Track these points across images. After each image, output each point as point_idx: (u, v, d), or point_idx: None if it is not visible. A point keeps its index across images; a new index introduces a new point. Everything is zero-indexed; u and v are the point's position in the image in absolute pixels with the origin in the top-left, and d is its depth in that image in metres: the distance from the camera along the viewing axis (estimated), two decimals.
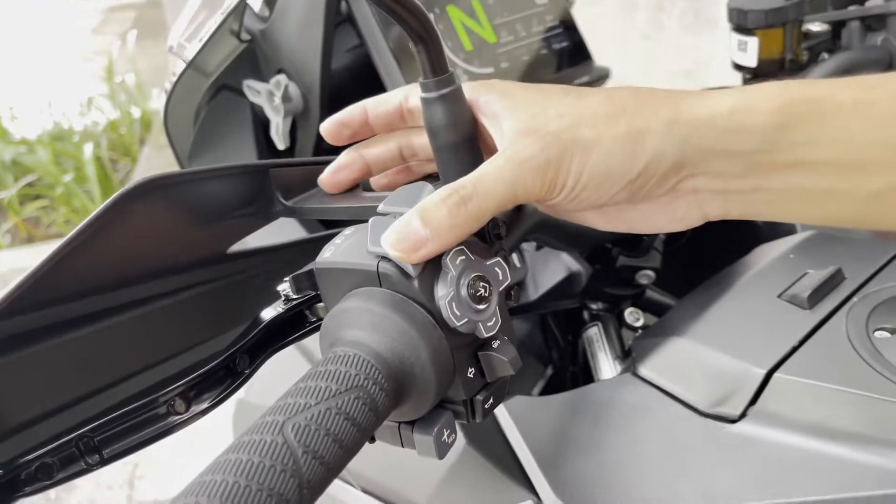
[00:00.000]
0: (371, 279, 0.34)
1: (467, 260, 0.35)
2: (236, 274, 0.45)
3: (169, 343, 0.40)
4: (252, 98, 0.68)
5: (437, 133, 0.38)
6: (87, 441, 0.35)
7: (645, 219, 0.39)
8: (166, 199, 0.39)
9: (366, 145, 0.43)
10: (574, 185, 0.35)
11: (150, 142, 3.46)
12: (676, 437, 0.49)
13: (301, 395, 0.30)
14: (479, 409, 0.36)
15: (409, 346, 0.33)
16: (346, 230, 0.37)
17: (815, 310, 0.53)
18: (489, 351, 0.35)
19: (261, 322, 0.40)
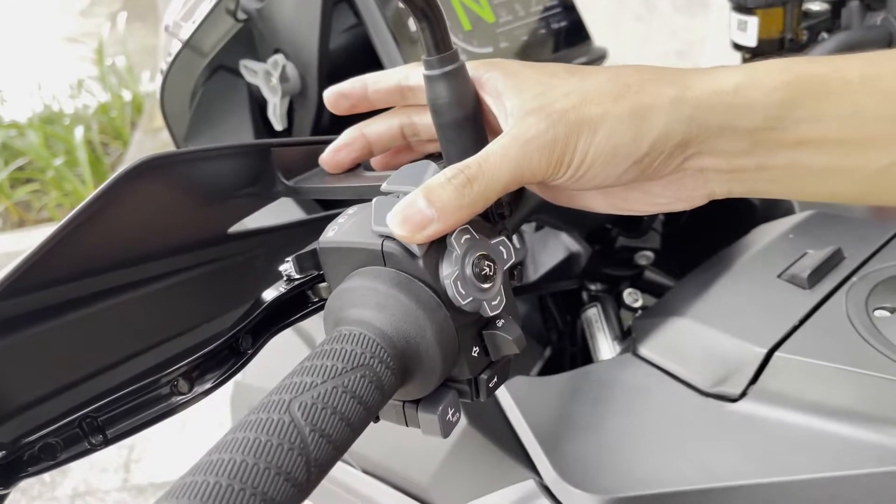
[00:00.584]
0: (375, 258, 0.34)
1: (472, 239, 0.34)
2: (238, 254, 0.45)
3: (171, 323, 0.40)
4: (249, 78, 0.67)
5: (440, 111, 0.38)
6: (91, 421, 0.35)
7: (648, 199, 0.39)
8: (167, 179, 0.38)
9: (367, 124, 0.43)
10: (580, 163, 0.35)
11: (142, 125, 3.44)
12: (677, 416, 0.49)
13: (307, 374, 0.30)
14: (483, 389, 0.36)
15: (414, 325, 0.33)
16: (349, 210, 0.37)
17: (814, 289, 0.53)
18: (494, 330, 0.35)
19: (263, 302, 0.40)
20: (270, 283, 0.43)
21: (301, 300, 0.42)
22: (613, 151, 0.35)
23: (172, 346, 0.40)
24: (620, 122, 0.35)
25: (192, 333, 0.41)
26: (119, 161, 3.22)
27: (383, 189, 0.36)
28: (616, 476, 0.47)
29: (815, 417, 0.45)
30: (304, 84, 0.65)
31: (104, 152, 3.21)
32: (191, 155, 0.39)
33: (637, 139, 0.35)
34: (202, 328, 0.41)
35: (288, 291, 0.41)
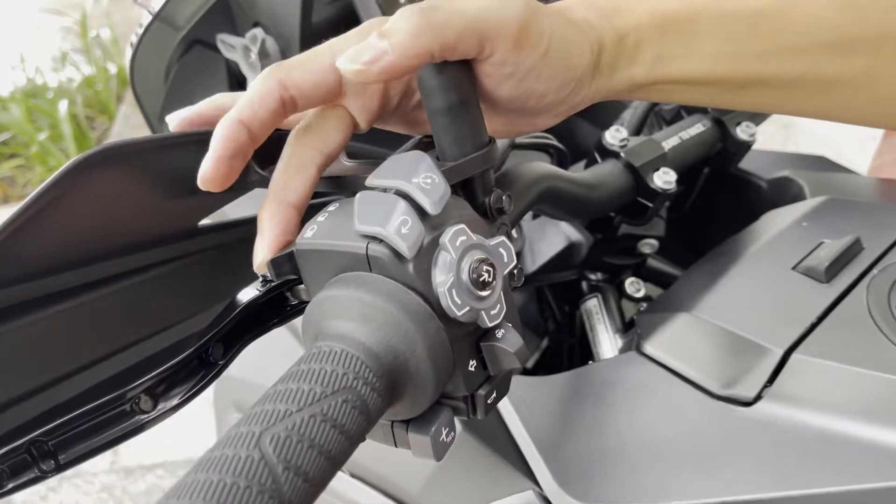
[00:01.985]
0: (359, 263, 0.30)
1: (468, 240, 0.31)
2: (208, 249, 0.41)
3: (132, 328, 0.37)
4: (227, 53, 0.63)
5: (431, 95, 0.33)
6: (40, 446, 0.31)
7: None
8: (126, 169, 0.34)
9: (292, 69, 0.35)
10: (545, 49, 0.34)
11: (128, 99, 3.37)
12: (686, 421, 0.46)
13: (280, 401, 0.26)
14: (481, 405, 0.33)
15: (403, 340, 0.29)
16: (329, 206, 0.33)
17: (832, 283, 0.50)
18: (493, 342, 0.31)
19: (236, 306, 0.36)
20: (245, 282, 0.39)
21: (279, 303, 0.38)
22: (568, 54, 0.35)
23: (134, 355, 0.36)
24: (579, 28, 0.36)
25: (156, 339, 0.37)
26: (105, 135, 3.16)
27: (368, 184, 0.32)
28: (620, 486, 0.43)
29: (837, 424, 0.42)
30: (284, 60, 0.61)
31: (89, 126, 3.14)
32: (150, 143, 0.34)
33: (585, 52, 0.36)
34: (168, 333, 0.38)
35: (264, 293, 0.37)
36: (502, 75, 0.34)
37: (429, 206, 0.30)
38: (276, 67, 0.33)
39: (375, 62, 0.31)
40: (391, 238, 0.29)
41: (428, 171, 0.31)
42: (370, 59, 0.31)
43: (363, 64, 0.31)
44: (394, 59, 0.31)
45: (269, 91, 0.33)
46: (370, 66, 0.31)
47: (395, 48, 0.31)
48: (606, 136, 0.55)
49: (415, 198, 0.30)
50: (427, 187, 0.30)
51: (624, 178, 0.54)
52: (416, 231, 0.29)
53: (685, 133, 0.59)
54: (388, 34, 0.31)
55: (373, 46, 0.31)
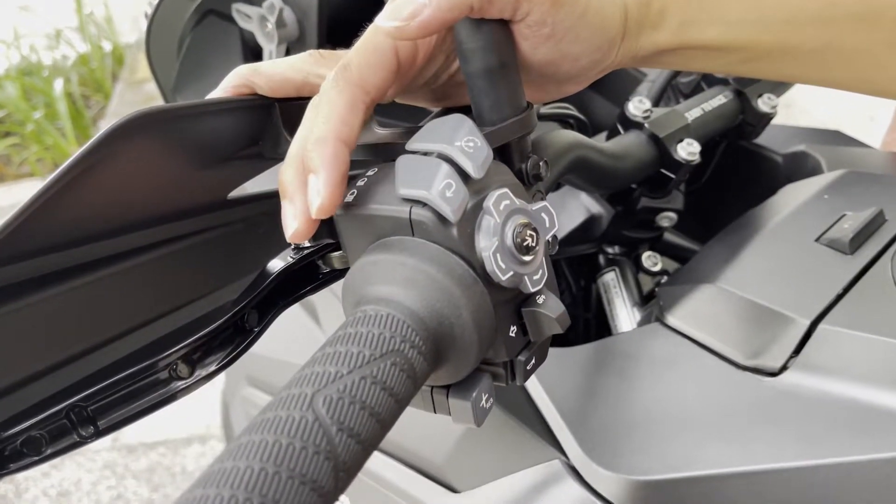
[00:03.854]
0: (402, 227, 0.30)
1: (511, 204, 0.30)
2: (239, 221, 0.41)
3: (167, 298, 0.36)
4: (242, 24, 0.62)
5: (469, 57, 0.33)
6: (80, 411, 0.31)
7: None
8: (159, 138, 0.34)
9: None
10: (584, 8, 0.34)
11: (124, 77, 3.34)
12: (711, 391, 0.46)
13: (330, 363, 0.26)
14: (520, 371, 0.32)
15: (448, 304, 0.29)
16: (368, 171, 0.33)
17: (856, 255, 0.50)
18: (534, 307, 0.31)
19: (269, 274, 0.36)
20: (276, 253, 0.39)
21: (311, 271, 0.38)
22: (604, 15, 0.35)
23: (169, 324, 0.36)
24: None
25: (190, 308, 0.37)
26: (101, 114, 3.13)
27: (409, 147, 0.31)
28: (647, 456, 0.43)
29: (864, 393, 0.42)
30: (302, 30, 0.60)
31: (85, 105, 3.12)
32: (185, 110, 0.34)
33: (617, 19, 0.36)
34: (202, 302, 0.38)
35: (296, 262, 0.36)
36: (540, 37, 0.34)
37: (472, 170, 0.30)
38: (344, 73, 0.32)
39: (415, 16, 0.31)
40: (435, 201, 0.29)
41: (470, 135, 0.30)
42: (410, 13, 0.31)
43: (403, 20, 0.31)
44: (433, 12, 0.30)
45: (354, 100, 0.32)
46: (410, 20, 0.31)
47: (434, 2, 0.30)
48: (629, 106, 0.54)
49: (457, 161, 0.30)
50: (470, 150, 0.30)
51: (647, 149, 0.54)
52: (461, 194, 0.29)
53: (707, 104, 0.58)
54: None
55: (411, 1, 0.31)
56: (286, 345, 0.72)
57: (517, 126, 0.34)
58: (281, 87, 0.37)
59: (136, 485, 1.70)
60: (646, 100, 0.55)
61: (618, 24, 0.35)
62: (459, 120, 0.31)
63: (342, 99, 0.32)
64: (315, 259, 0.37)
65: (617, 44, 0.36)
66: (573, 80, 0.37)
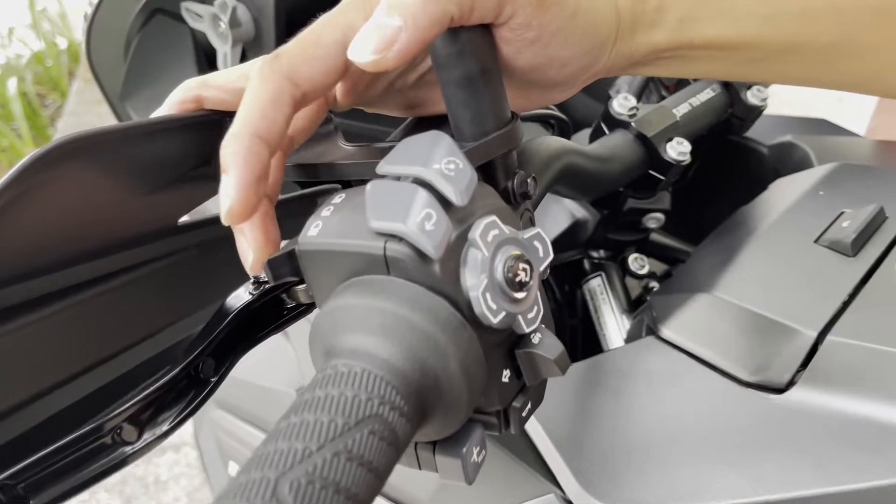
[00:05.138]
0: (376, 265, 0.26)
1: (501, 234, 0.26)
2: (192, 247, 0.37)
3: (106, 342, 0.32)
4: (193, 24, 0.57)
5: (445, 64, 0.29)
6: (9, 490, 0.26)
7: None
8: (95, 163, 0.29)
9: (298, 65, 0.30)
10: (574, 8, 0.30)
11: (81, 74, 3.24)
12: (714, 411, 0.43)
13: (296, 437, 0.22)
14: (515, 419, 0.29)
15: (433, 354, 0.25)
16: (332, 197, 0.29)
17: (859, 257, 0.47)
18: (530, 349, 0.28)
19: (227, 313, 0.32)
20: (234, 285, 0.35)
21: (274, 307, 0.34)
22: (595, 15, 0.31)
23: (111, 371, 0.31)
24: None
25: (135, 352, 0.33)
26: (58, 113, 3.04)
27: (380, 171, 0.27)
28: (649, 488, 0.40)
29: (880, 411, 0.39)
30: (258, 30, 0.55)
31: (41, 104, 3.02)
32: (120, 132, 0.30)
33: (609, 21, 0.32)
34: (148, 345, 0.33)
35: (257, 298, 0.32)
36: (524, 41, 0.30)
37: (454, 196, 0.26)
38: (273, 62, 0.28)
39: (391, 45, 0.26)
40: (414, 235, 0.25)
41: (450, 155, 0.26)
42: (385, 42, 0.26)
43: (377, 52, 0.26)
44: (411, 35, 0.26)
45: (279, 92, 0.28)
46: (386, 51, 0.26)
47: (409, 22, 0.26)
48: (614, 104, 0.51)
49: (437, 187, 0.26)
50: (451, 174, 0.26)
51: (635, 150, 0.50)
52: (443, 226, 0.25)
53: (695, 99, 0.55)
54: (397, 6, 0.26)
55: (383, 26, 0.26)
56: (256, 366, 0.68)
57: (502, 140, 0.30)
58: (234, 100, 0.33)
59: (109, 497, 1.65)
60: (631, 97, 0.51)
61: (610, 25, 0.32)
62: (436, 137, 0.27)
63: (265, 89, 0.28)
64: (279, 293, 0.33)
65: (609, 47, 0.32)
66: (560, 86, 0.33)
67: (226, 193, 0.27)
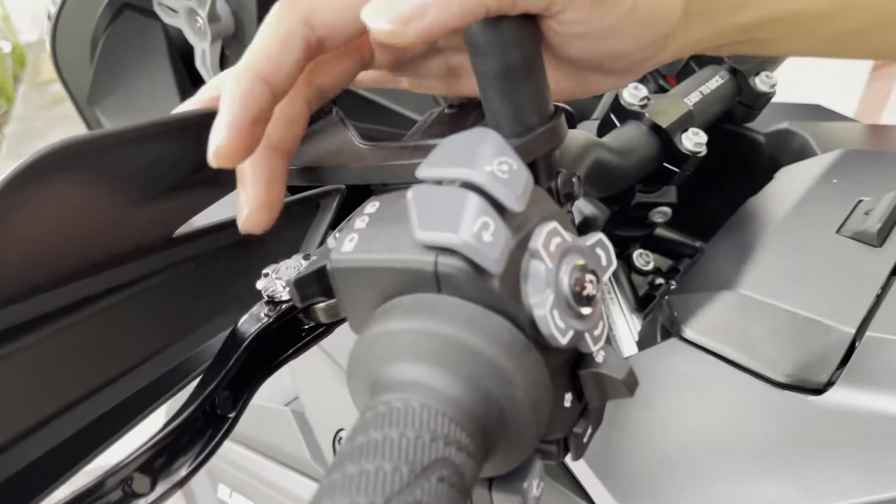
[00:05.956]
0: (424, 282, 0.23)
1: (563, 243, 0.24)
2: (185, 262, 0.33)
3: (99, 368, 0.29)
4: (167, 19, 0.53)
5: (485, 53, 0.26)
6: None
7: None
8: (86, 172, 0.26)
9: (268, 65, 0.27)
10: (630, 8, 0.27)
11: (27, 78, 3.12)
12: (751, 416, 0.41)
13: (358, 491, 0.19)
14: (577, 446, 0.26)
15: (497, 383, 0.22)
16: (366, 205, 0.26)
17: (886, 247, 0.45)
18: (595, 369, 0.25)
19: (241, 339, 0.29)
20: (234, 300, 0.32)
21: (291, 328, 0.30)
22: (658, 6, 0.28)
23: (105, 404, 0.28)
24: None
25: (130, 379, 0.29)
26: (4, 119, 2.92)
27: (421, 174, 0.24)
28: (692, 501, 0.38)
29: None
30: (239, 24, 0.52)
31: None
32: (113, 137, 0.26)
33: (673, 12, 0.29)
34: (144, 370, 0.30)
35: (274, 320, 0.29)
36: (572, 34, 0.27)
37: (512, 202, 0.23)
38: (292, 2, 0.25)
39: (412, 20, 0.24)
40: (470, 247, 0.22)
41: (501, 154, 0.23)
42: (407, 14, 0.24)
43: (396, 21, 0.23)
44: (437, 18, 0.24)
45: (291, 33, 0.25)
46: (405, 24, 0.24)
47: (440, 2, 0.23)
48: (624, 94, 0.48)
49: (490, 191, 0.23)
50: (504, 176, 0.23)
51: (650, 142, 0.48)
52: (502, 236, 0.22)
53: (705, 87, 0.53)
54: None
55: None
56: None
57: (547, 137, 0.27)
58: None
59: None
60: (641, 86, 0.49)
61: (675, 15, 0.29)
62: (483, 134, 0.24)
63: (276, 28, 0.25)
64: (296, 313, 0.30)
65: (676, 36, 0.29)
66: (617, 74, 0.30)
67: (216, 131, 0.25)
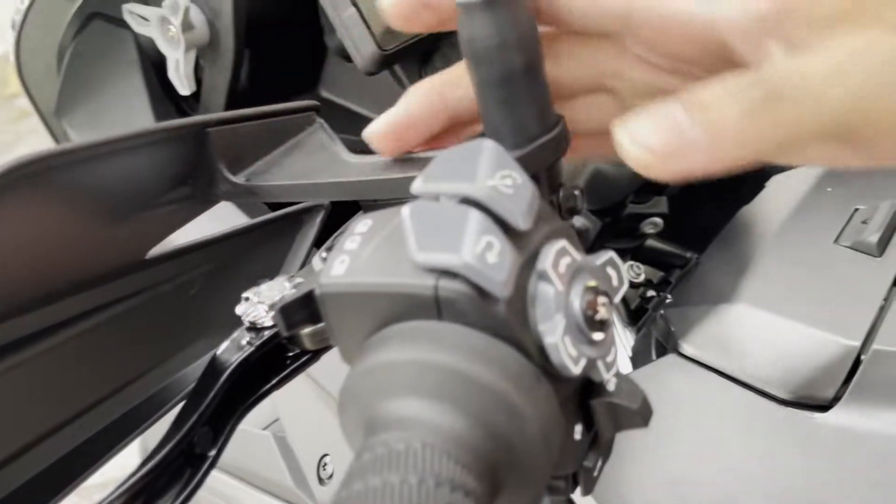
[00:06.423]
0: (424, 308, 0.21)
1: (573, 263, 0.22)
2: (161, 284, 0.31)
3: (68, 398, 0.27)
4: (138, 28, 0.51)
5: (483, 58, 0.24)
6: None
7: None
8: (54, 188, 0.24)
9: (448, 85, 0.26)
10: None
11: None
12: (758, 434, 0.39)
13: None
14: (587, 481, 0.24)
15: (506, 418, 0.20)
16: (356, 223, 0.24)
17: (885, 256, 0.44)
18: (608, 398, 0.23)
19: (221, 370, 0.26)
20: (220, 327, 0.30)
21: (274, 356, 0.28)
22: None
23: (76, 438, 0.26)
24: None
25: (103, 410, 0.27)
26: None
27: (417, 190, 0.22)
28: None
29: None
30: (214, 33, 0.49)
31: None
32: (84, 151, 0.24)
33: None
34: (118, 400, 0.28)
35: (256, 349, 0.27)
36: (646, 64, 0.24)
37: (517, 219, 0.21)
38: None
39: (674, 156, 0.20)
40: (474, 270, 0.20)
41: (503, 167, 0.22)
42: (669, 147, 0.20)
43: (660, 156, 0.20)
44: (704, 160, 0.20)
45: None
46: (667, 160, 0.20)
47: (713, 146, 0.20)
48: None
49: (493, 209, 0.21)
50: (508, 191, 0.21)
51: None
52: (508, 257, 0.20)
53: None
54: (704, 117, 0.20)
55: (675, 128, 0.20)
56: None
57: (550, 147, 0.25)
58: None
59: None
60: None
61: None
62: (483, 146, 0.22)
63: None
64: (280, 339, 0.28)
65: None
66: None
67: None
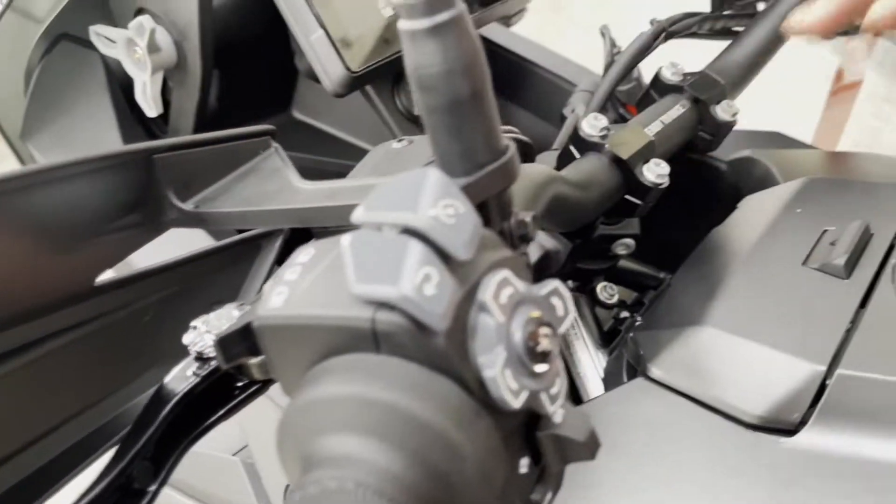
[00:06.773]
0: (362, 341, 0.20)
1: (516, 294, 0.21)
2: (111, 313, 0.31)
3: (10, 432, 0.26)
4: (105, 50, 0.51)
5: (430, 86, 0.24)
6: None
7: None
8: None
9: None
10: None
11: None
12: (725, 459, 0.39)
13: None
14: None
15: (444, 455, 0.19)
16: (298, 253, 0.23)
17: (853, 279, 0.44)
18: (554, 430, 0.23)
19: (165, 400, 0.26)
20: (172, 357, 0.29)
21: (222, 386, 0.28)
22: None
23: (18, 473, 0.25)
24: None
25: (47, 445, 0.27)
26: None
27: (357, 219, 0.22)
28: None
29: None
30: (181, 54, 0.49)
31: None
32: (25, 178, 0.24)
33: None
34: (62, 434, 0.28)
35: (202, 380, 0.26)
36: None
37: (458, 249, 0.21)
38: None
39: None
40: (411, 302, 0.19)
41: (446, 196, 0.21)
42: None
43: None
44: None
45: None
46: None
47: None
48: (584, 125, 0.47)
49: (434, 238, 0.21)
50: (450, 220, 0.21)
51: (611, 174, 0.46)
52: (447, 289, 0.20)
53: (666, 116, 0.51)
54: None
55: None
56: None
57: (498, 175, 0.25)
58: None
59: None
60: (601, 116, 0.47)
61: None
62: (427, 175, 0.22)
63: None
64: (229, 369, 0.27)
65: None
66: None
67: None
